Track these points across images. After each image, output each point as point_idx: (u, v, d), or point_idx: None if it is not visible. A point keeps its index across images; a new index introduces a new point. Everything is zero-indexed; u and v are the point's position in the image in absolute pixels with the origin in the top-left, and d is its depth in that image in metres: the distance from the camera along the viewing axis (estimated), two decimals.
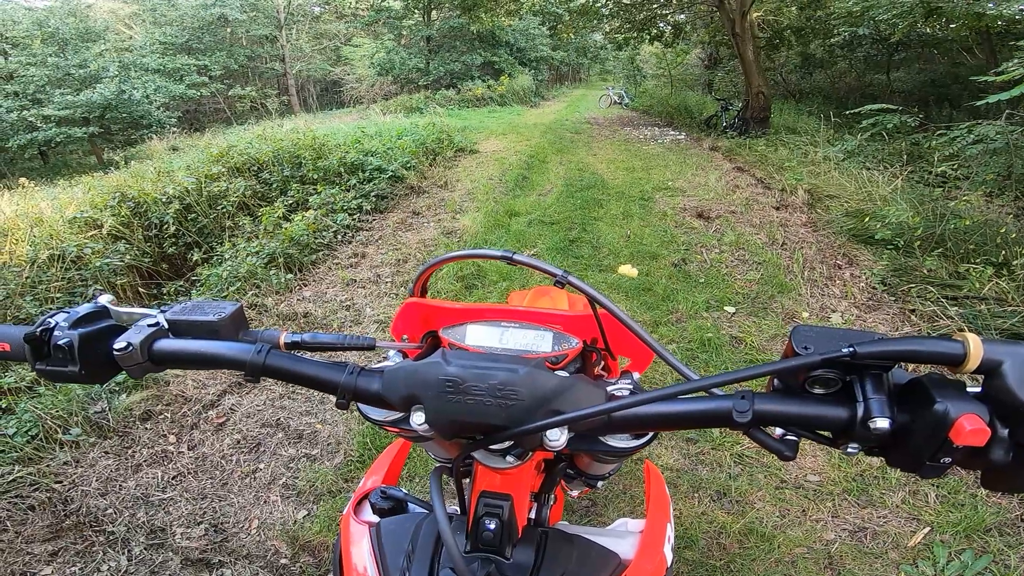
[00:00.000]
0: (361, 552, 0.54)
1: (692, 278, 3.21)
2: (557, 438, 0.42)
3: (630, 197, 5.15)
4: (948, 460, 0.35)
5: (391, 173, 5.65)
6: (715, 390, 0.40)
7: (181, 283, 4.18)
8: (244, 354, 0.47)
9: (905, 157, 4.94)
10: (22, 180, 6.33)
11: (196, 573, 1.53)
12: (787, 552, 1.50)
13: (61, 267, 4.51)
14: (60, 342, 0.46)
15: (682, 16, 11.40)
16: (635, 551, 0.55)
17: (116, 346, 0.46)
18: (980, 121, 4.03)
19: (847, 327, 2.58)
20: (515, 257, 0.57)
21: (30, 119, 14.81)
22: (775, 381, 0.40)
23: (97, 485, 1.83)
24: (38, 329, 0.46)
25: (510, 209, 4.87)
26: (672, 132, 9.79)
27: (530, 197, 5.39)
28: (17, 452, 1.94)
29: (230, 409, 2.21)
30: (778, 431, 0.40)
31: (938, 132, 4.45)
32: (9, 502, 1.74)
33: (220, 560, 1.57)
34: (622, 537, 0.58)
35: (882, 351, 0.35)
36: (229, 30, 21.61)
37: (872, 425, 0.35)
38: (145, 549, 1.61)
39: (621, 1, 10.73)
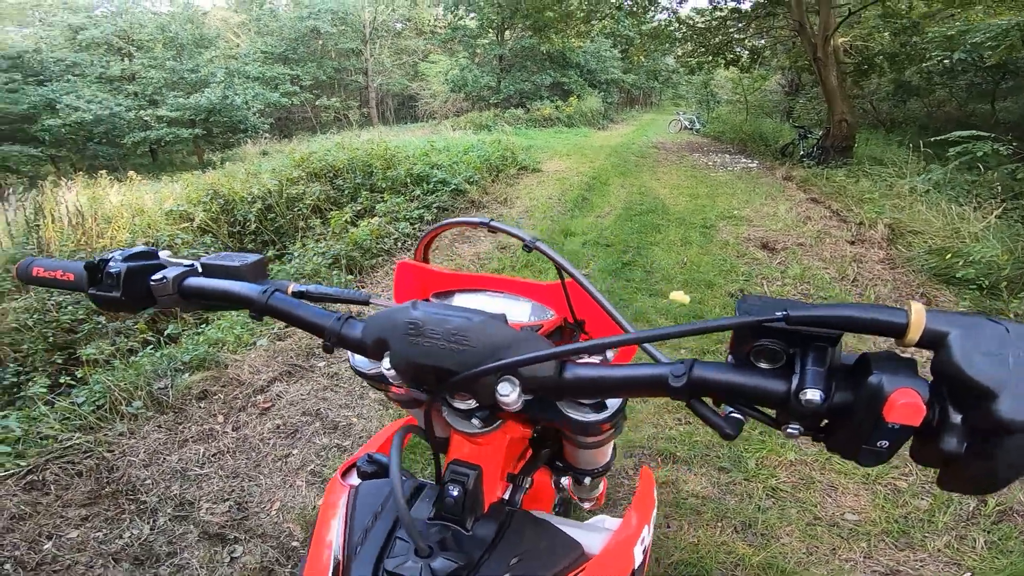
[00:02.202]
0: (335, 512, 0.55)
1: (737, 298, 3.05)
2: (508, 393, 0.41)
3: (691, 224, 5.00)
4: (885, 444, 0.32)
5: (454, 186, 5.81)
6: (662, 358, 0.40)
7: None
8: (253, 294, 0.53)
9: (999, 189, 4.48)
10: (131, 173, 7.08)
11: (210, 547, 1.60)
12: None
13: None
14: (111, 270, 0.55)
15: (760, 41, 11.04)
16: (602, 547, 0.52)
17: (153, 278, 0.54)
18: None
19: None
20: (492, 223, 0.61)
21: (145, 118, 16.56)
22: (729, 357, 0.38)
23: (143, 457, 1.96)
24: (97, 259, 0.56)
25: (566, 229, 4.86)
26: (744, 160, 9.43)
27: (588, 218, 5.35)
28: (81, 420, 2.11)
29: (277, 395, 2.33)
30: (727, 409, 0.38)
31: None
32: (60, 467, 1.88)
33: (236, 536, 1.63)
34: (594, 531, 0.55)
35: (816, 316, 0.33)
36: (320, 42, 23.27)
37: (803, 397, 0.33)
38: (170, 520, 1.70)
39: (695, 25, 10.55)
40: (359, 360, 0.52)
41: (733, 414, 0.38)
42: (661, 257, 4.02)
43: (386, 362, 0.45)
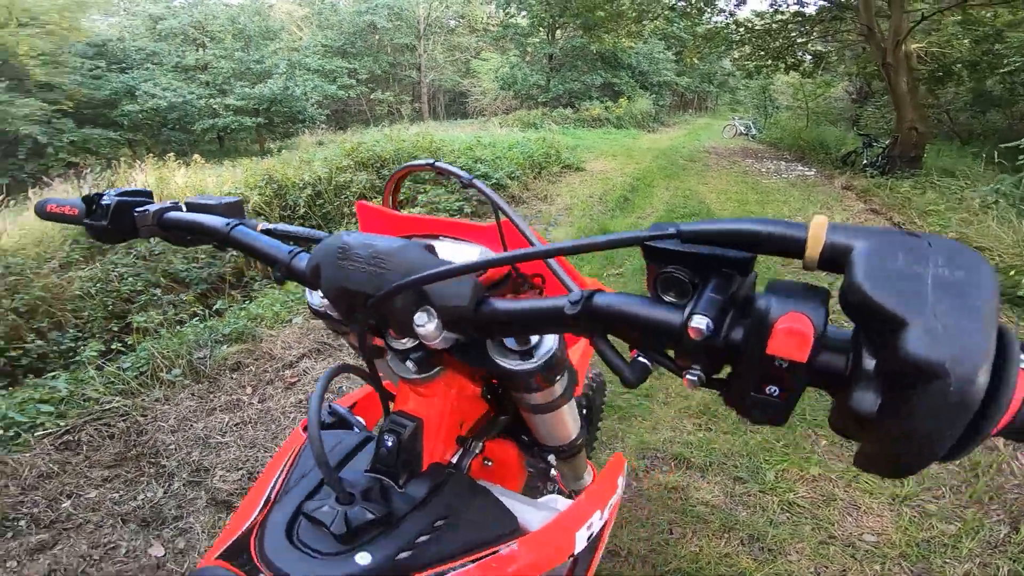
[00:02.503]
0: (282, 457, 0.56)
1: None
2: (424, 323, 0.40)
3: None
4: (775, 391, 0.27)
5: (495, 180, 5.85)
6: (573, 287, 0.38)
7: None
8: (219, 226, 0.56)
9: None
10: (196, 156, 7.52)
11: (215, 512, 1.66)
12: None
13: None
14: (103, 203, 0.61)
15: (825, 45, 10.50)
16: (541, 525, 0.51)
17: (136, 210, 0.60)
18: None
19: None
20: (436, 164, 0.62)
21: (214, 106, 17.50)
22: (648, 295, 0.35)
23: (173, 423, 2.06)
24: (93, 194, 0.62)
25: (604, 228, 4.79)
26: (801, 167, 9.01)
27: (628, 218, 5.26)
28: (123, 385, 2.25)
29: (303, 371, 2.42)
30: (641, 358, 0.36)
31: None
32: (95, 428, 1.99)
33: None
34: (539, 509, 0.54)
35: (709, 230, 0.30)
36: (377, 37, 23.91)
37: (689, 324, 0.29)
38: (184, 485, 1.77)
39: (753, 28, 10.15)
40: (314, 297, 0.53)
41: (640, 359, 0.36)
42: None
43: (320, 291, 0.46)
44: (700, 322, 0.29)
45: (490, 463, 0.66)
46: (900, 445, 0.24)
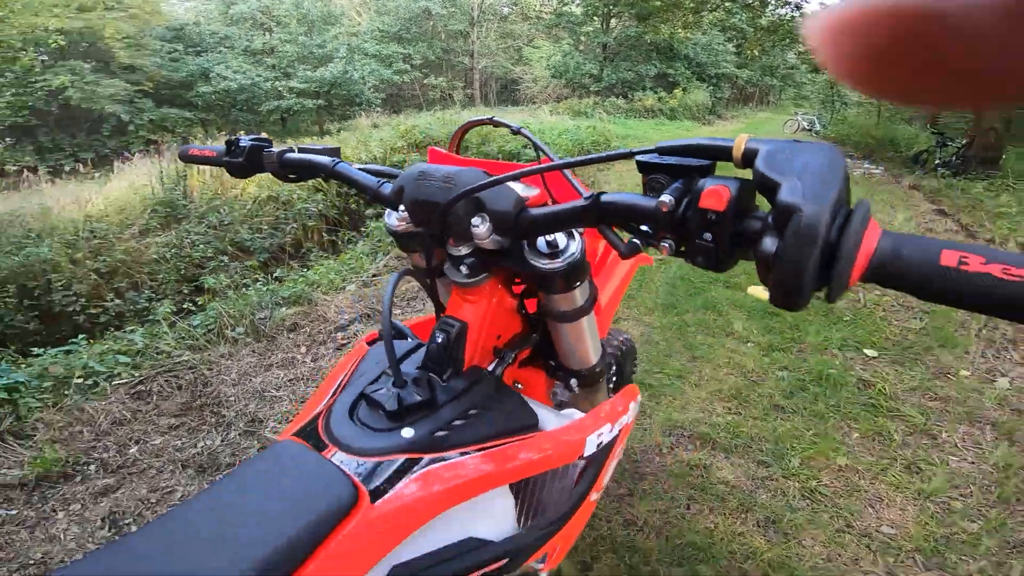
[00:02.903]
0: (347, 362, 0.67)
1: (836, 313, 2.85)
2: (478, 225, 0.53)
3: None
4: (708, 236, 0.40)
5: None
6: (583, 191, 0.51)
7: (353, 233, 4.92)
8: (324, 162, 0.73)
9: None
10: (263, 133, 7.96)
11: None
12: None
13: (274, 206, 5.59)
14: (241, 144, 0.80)
15: None
16: (554, 428, 0.59)
17: (265, 151, 0.79)
18: None
19: (1012, 391, 2.07)
20: (494, 119, 0.87)
21: (279, 88, 18.28)
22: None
23: (234, 376, 2.25)
24: (233, 137, 0.81)
25: None
26: (867, 165, 8.56)
27: None
28: (192, 340, 2.48)
29: (353, 334, 2.60)
30: (634, 240, 0.47)
31: None
32: (166, 379, 2.17)
33: (245, 459, 1.77)
34: (556, 415, 0.62)
35: (675, 145, 0.43)
36: (431, 23, 24.14)
37: (659, 199, 0.41)
38: (240, 435, 1.91)
39: None
40: (391, 219, 0.63)
41: (633, 240, 0.47)
42: None
43: (401, 207, 0.58)
44: (666, 199, 0.41)
45: (520, 387, 0.75)
46: (785, 273, 0.34)
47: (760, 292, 3.12)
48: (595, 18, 19.20)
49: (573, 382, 0.73)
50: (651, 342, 2.52)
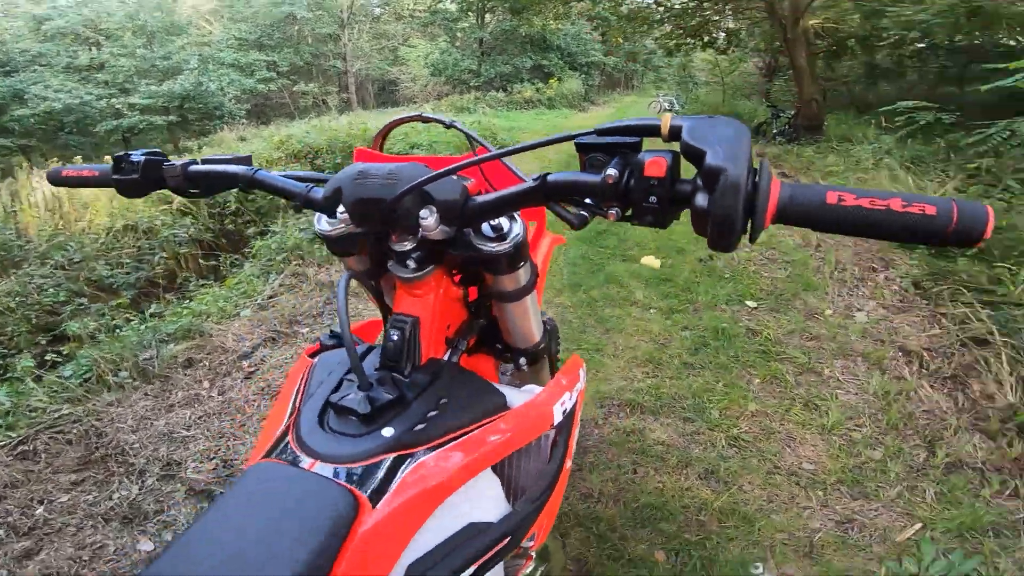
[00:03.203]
0: (294, 379, 0.64)
1: (717, 272, 3.19)
2: (427, 216, 0.54)
3: None
4: (654, 199, 0.45)
5: None
6: (525, 177, 0.56)
7: (236, 256, 4.51)
8: (240, 171, 0.69)
9: (952, 157, 4.69)
10: (107, 157, 6.98)
11: (197, 502, 1.66)
12: (767, 536, 1.49)
13: (134, 236, 4.95)
14: (132, 159, 0.72)
15: (736, 23, 11.13)
16: (521, 403, 0.62)
17: (165, 163, 0.72)
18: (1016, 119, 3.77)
19: (869, 324, 2.41)
20: (423, 115, 0.87)
21: (117, 106, 16.13)
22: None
23: (131, 423, 2.01)
24: (120, 153, 0.73)
25: None
26: None
27: None
28: (69, 392, 2.17)
29: (260, 360, 2.41)
30: (581, 211, 0.52)
31: (976, 131, 4.16)
32: (50, 436, 1.93)
33: (222, 492, 1.69)
34: (521, 393, 0.65)
35: (611, 127, 0.48)
36: (297, 28, 22.79)
37: (605, 173, 0.46)
38: (157, 480, 1.75)
39: (672, 7, 10.60)
40: (323, 224, 0.62)
41: (581, 212, 0.52)
42: (634, 228, 4.13)
43: (341, 207, 0.57)
44: (612, 172, 0.46)
45: None
46: (720, 222, 0.40)
47: (652, 261, 3.40)
48: (470, 13, 19.28)
49: (522, 360, 0.76)
50: (565, 321, 2.64)
